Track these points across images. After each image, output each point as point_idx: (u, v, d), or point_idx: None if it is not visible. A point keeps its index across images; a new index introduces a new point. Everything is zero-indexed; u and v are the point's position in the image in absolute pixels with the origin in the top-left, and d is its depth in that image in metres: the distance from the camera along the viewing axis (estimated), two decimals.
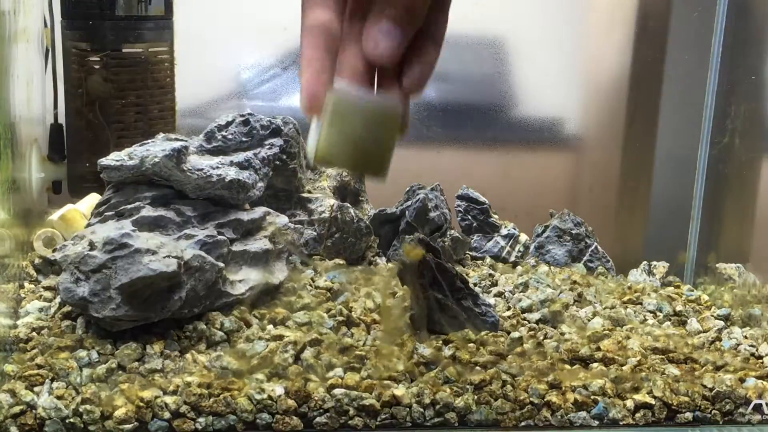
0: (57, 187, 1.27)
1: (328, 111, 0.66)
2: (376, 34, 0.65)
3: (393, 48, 0.65)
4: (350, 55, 0.66)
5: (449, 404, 0.82)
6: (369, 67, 0.67)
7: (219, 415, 0.79)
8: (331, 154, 0.67)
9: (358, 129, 0.66)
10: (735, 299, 1.12)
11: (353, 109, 0.66)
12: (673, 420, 0.85)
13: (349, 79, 0.66)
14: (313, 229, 1.14)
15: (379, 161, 0.68)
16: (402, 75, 0.68)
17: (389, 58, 0.65)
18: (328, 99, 0.66)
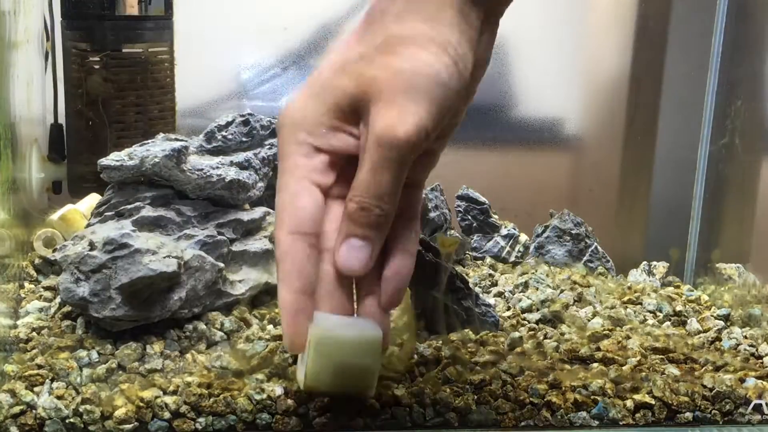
0: (57, 187, 1.27)
1: (311, 346, 0.71)
2: (346, 250, 0.70)
3: (364, 260, 0.70)
4: (328, 288, 0.71)
5: (449, 404, 0.82)
6: (346, 293, 0.72)
7: (219, 415, 0.79)
8: (318, 384, 0.73)
9: (341, 359, 0.72)
10: (735, 299, 1.12)
11: (334, 342, 0.71)
12: (673, 420, 0.85)
13: (327, 311, 0.71)
14: None
15: (364, 383, 0.74)
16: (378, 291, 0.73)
17: (361, 270, 0.70)
18: (310, 334, 0.71)
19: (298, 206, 0.72)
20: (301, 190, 0.72)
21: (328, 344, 0.71)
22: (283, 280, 0.71)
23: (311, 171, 0.72)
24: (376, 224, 0.70)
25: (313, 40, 1.40)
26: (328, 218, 0.72)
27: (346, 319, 0.72)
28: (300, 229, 0.71)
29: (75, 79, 1.19)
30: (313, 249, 0.71)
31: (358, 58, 0.70)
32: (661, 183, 1.38)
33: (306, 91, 0.72)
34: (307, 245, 0.71)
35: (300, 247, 0.70)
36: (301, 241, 0.71)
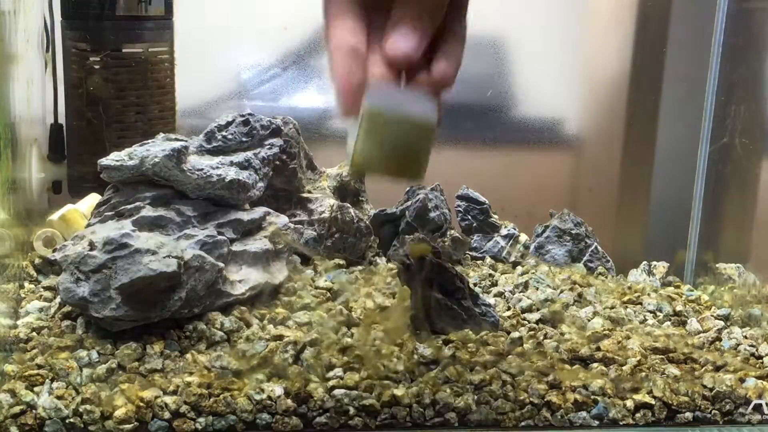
0: (57, 187, 1.27)
1: (362, 120, 0.66)
2: (396, 37, 0.66)
3: (412, 49, 0.66)
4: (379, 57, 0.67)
5: (449, 404, 0.82)
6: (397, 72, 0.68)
7: (219, 415, 0.79)
8: (367, 163, 0.68)
9: (392, 137, 0.67)
10: (735, 299, 1.12)
11: (387, 118, 0.66)
12: (673, 420, 0.85)
13: (381, 77, 0.67)
14: (313, 229, 1.14)
15: (415, 166, 0.69)
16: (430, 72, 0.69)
17: (409, 59, 0.66)
18: (362, 107, 0.66)
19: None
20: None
21: (381, 119, 0.66)
22: (332, 43, 0.67)
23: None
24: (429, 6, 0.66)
25: (313, 40, 1.40)
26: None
27: (403, 94, 0.68)
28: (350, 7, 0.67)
29: (75, 79, 1.19)
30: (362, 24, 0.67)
31: None
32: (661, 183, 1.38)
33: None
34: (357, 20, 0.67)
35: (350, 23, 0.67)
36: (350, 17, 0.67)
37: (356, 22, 0.67)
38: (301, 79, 1.41)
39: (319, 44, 1.40)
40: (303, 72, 1.41)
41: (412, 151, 0.68)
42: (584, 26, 1.45)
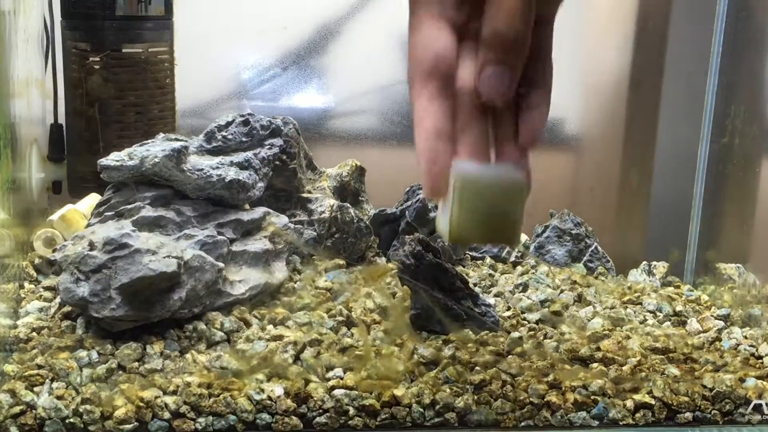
0: (57, 187, 1.27)
1: (455, 193, 0.68)
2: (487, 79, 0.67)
3: (505, 86, 0.67)
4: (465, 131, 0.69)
5: (449, 404, 0.82)
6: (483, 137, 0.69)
7: (219, 415, 0.79)
8: (464, 233, 0.70)
9: (485, 207, 0.69)
10: (735, 299, 1.12)
11: (479, 189, 0.68)
12: (673, 420, 0.85)
13: (468, 158, 0.68)
14: (313, 229, 1.14)
15: (510, 230, 0.71)
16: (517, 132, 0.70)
17: (502, 97, 0.68)
18: (452, 180, 0.68)
19: (429, 46, 0.68)
20: (433, 28, 0.68)
21: (472, 189, 0.68)
22: (418, 125, 0.68)
23: (444, 6, 0.68)
24: (512, 47, 0.66)
25: (313, 40, 1.40)
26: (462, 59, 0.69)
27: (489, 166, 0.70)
28: (432, 69, 0.68)
29: (75, 79, 1.19)
30: (447, 91, 0.68)
31: None
32: (661, 183, 1.38)
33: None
34: (441, 87, 0.68)
35: (434, 88, 0.67)
36: (434, 82, 0.68)
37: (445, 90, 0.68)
38: (301, 79, 1.41)
39: (319, 44, 1.40)
40: (303, 72, 1.41)
41: (505, 216, 0.70)
42: (584, 26, 1.45)
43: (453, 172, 0.68)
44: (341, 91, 1.44)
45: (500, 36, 0.66)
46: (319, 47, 1.40)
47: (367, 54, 1.42)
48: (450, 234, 0.70)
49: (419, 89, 0.68)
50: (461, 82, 0.69)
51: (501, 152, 0.71)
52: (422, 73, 0.68)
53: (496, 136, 0.71)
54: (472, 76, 0.69)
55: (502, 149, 0.71)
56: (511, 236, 0.71)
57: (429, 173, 0.68)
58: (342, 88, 1.44)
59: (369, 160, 1.27)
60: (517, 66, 0.67)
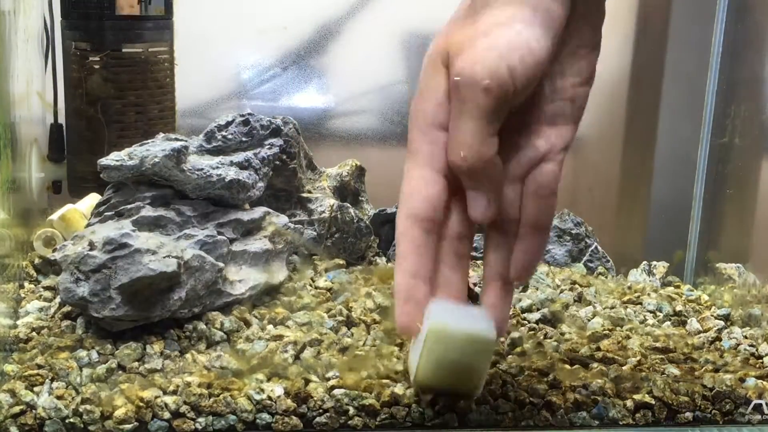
0: (57, 187, 1.27)
1: (426, 341, 0.70)
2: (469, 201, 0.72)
3: (480, 209, 0.72)
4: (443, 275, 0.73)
5: (449, 404, 0.82)
6: (463, 280, 0.74)
7: (219, 415, 0.79)
8: (428, 380, 0.73)
9: (454, 359, 0.71)
10: (735, 299, 1.12)
11: (449, 341, 0.71)
12: (673, 420, 0.85)
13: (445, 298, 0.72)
14: (313, 229, 1.14)
15: (474, 382, 0.74)
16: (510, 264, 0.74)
17: (481, 218, 0.72)
18: (425, 327, 0.70)
19: (418, 192, 0.71)
20: (420, 176, 0.72)
21: (443, 342, 0.70)
22: (398, 263, 0.71)
23: (432, 156, 0.72)
24: (476, 173, 0.70)
25: (313, 40, 1.40)
26: (452, 206, 0.73)
27: (463, 311, 0.72)
28: (418, 213, 0.71)
29: (75, 79, 1.19)
30: (431, 235, 0.71)
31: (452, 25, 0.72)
32: (661, 183, 1.37)
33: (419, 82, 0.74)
34: (425, 230, 0.71)
35: (417, 232, 0.71)
36: (418, 225, 0.71)
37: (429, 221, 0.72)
38: (301, 79, 1.41)
39: (319, 44, 1.40)
40: (303, 72, 1.41)
41: (471, 369, 0.73)
42: None
43: (427, 316, 0.70)
44: (341, 91, 1.44)
45: (456, 167, 0.71)
46: (319, 47, 1.40)
47: (367, 54, 1.42)
48: (415, 378, 0.74)
49: (404, 231, 0.71)
50: (448, 228, 0.73)
51: (487, 289, 0.75)
52: (409, 217, 0.71)
53: (486, 271, 0.75)
54: (458, 223, 0.73)
55: (489, 286, 0.75)
56: (474, 388, 0.75)
57: (401, 311, 0.71)
58: (342, 88, 1.44)
59: (369, 160, 1.27)
60: (489, 190, 0.71)
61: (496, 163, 0.71)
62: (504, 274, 0.74)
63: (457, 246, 0.73)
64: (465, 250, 0.74)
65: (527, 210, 0.73)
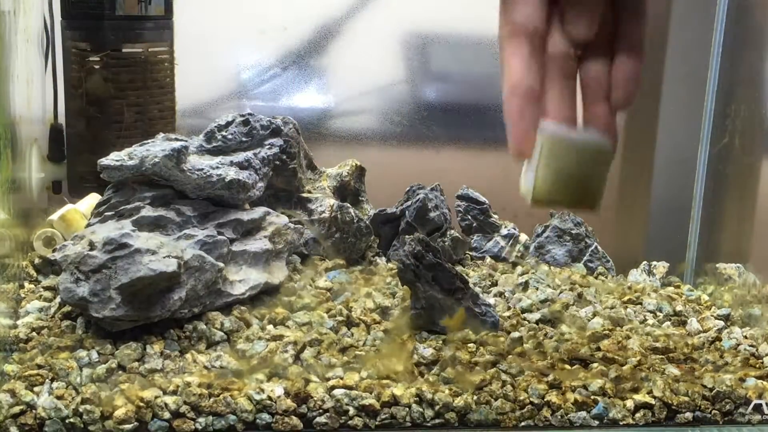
0: (57, 187, 1.27)
1: (541, 153, 0.68)
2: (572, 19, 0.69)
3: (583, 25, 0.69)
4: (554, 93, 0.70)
5: (449, 404, 0.82)
6: (572, 100, 0.70)
7: (219, 415, 0.79)
8: (548, 195, 0.70)
9: (571, 168, 0.69)
10: (735, 299, 1.12)
11: (566, 149, 0.69)
12: (673, 420, 0.85)
13: (556, 119, 0.69)
14: (313, 229, 1.14)
15: (593, 195, 0.71)
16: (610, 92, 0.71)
17: (590, 32, 0.69)
18: (538, 141, 0.68)
19: (521, 8, 0.69)
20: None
21: (559, 150, 0.68)
22: (506, 83, 0.69)
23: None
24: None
25: (313, 40, 1.40)
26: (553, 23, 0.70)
27: (575, 129, 0.70)
28: (522, 27, 0.68)
29: (75, 79, 1.19)
30: (536, 50, 0.69)
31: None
32: (661, 183, 1.37)
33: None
34: (530, 45, 0.68)
35: (522, 48, 0.68)
36: (523, 40, 0.68)
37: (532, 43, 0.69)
38: (301, 79, 1.41)
39: (319, 44, 1.40)
40: (303, 72, 1.41)
41: (590, 179, 0.71)
42: None
43: (540, 133, 0.68)
44: (341, 91, 1.44)
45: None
46: (319, 47, 1.40)
47: (367, 54, 1.42)
48: (534, 195, 0.70)
49: (510, 49, 0.69)
50: (552, 45, 0.70)
51: (590, 114, 0.72)
52: (513, 33, 0.69)
53: (587, 97, 0.72)
54: (561, 42, 0.70)
55: (592, 110, 0.72)
56: (594, 201, 0.72)
57: (515, 132, 0.68)
58: (342, 88, 1.44)
59: (369, 160, 1.27)
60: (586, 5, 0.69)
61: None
62: (607, 95, 0.72)
63: (563, 65, 0.70)
64: (571, 70, 0.71)
65: (623, 33, 0.71)
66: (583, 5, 0.70)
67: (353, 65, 1.42)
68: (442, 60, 1.45)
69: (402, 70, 1.43)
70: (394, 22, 1.41)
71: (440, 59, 1.44)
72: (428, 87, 1.44)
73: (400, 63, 1.42)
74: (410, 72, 1.43)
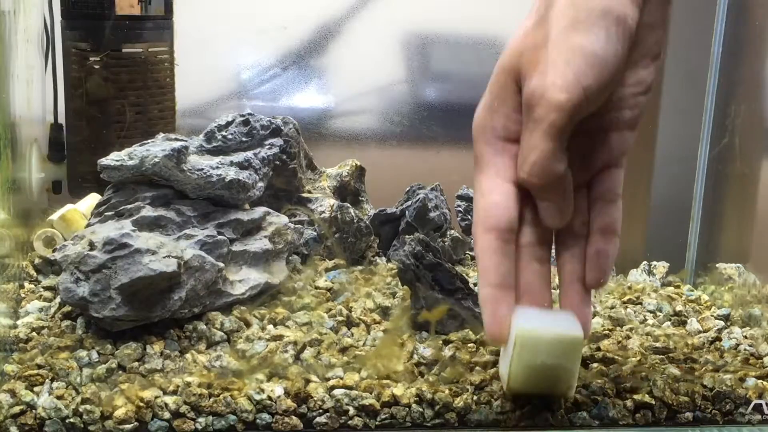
0: (57, 187, 1.27)
1: (515, 347, 0.72)
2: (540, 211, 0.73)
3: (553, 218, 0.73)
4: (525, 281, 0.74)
5: (449, 404, 0.82)
6: (545, 285, 0.75)
7: (219, 415, 0.79)
8: (521, 385, 0.75)
9: (544, 361, 0.73)
10: (735, 299, 1.12)
11: (538, 345, 0.72)
12: (673, 420, 0.85)
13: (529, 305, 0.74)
14: (313, 229, 1.14)
15: (566, 383, 0.76)
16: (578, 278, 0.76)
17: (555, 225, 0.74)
18: (514, 334, 0.72)
19: (490, 204, 0.73)
20: (492, 187, 0.73)
21: (533, 345, 0.72)
22: (481, 275, 0.73)
23: (502, 168, 0.73)
24: (548, 188, 0.71)
25: (313, 40, 1.40)
26: (526, 213, 0.74)
27: (548, 315, 0.73)
28: (493, 225, 0.72)
29: (75, 79, 1.19)
30: (508, 244, 0.73)
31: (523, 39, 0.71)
32: (661, 183, 1.37)
33: (486, 96, 0.74)
34: (502, 241, 0.72)
35: (495, 243, 0.72)
36: (495, 237, 0.72)
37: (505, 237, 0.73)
38: (301, 79, 1.41)
39: (319, 44, 1.40)
40: (303, 72, 1.41)
41: (562, 371, 0.74)
42: None
43: (514, 324, 0.72)
44: (341, 91, 1.44)
45: (529, 184, 0.72)
46: (319, 47, 1.40)
47: (367, 54, 1.42)
48: (508, 384, 0.75)
49: (484, 244, 0.73)
50: (525, 235, 0.74)
51: (565, 297, 0.76)
52: (487, 230, 0.73)
53: (561, 278, 0.76)
54: (534, 230, 0.74)
55: (568, 290, 0.76)
56: (567, 389, 0.76)
57: (490, 321, 0.73)
58: (342, 88, 1.44)
59: (369, 160, 1.27)
60: (560, 200, 0.72)
61: (567, 176, 0.72)
62: (581, 276, 0.75)
63: (536, 251, 0.75)
64: (545, 255, 0.75)
65: (596, 215, 0.74)
66: (555, 199, 0.72)
67: (353, 65, 1.42)
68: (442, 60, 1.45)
69: (402, 70, 1.43)
70: (394, 22, 1.41)
71: (440, 59, 1.44)
72: (428, 87, 1.44)
73: (400, 63, 1.42)
74: (410, 72, 1.43)
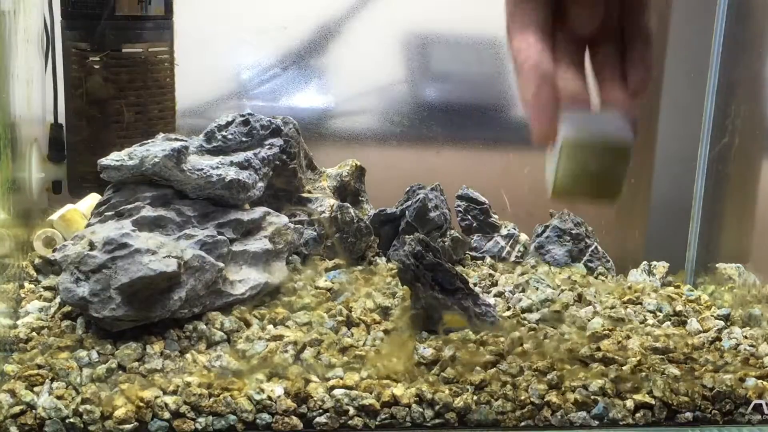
0: (57, 187, 1.27)
1: (562, 150, 0.69)
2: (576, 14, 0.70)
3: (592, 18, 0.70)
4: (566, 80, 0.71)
5: (449, 404, 0.82)
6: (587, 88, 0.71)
7: (219, 415, 0.79)
8: (568, 189, 0.71)
9: (591, 162, 0.70)
10: (735, 299, 1.12)
11: (585, 144, 0.69)
12: (673, 420, 0.85)
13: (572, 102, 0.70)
14: (313, 229, 1.14)
15: (614, 187, 0.71)
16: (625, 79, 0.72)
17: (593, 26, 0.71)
18: (560, 136, 0.69)
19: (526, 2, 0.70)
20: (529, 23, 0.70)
21: (581, 149, 0.69)
22: (522, 71, 0.70)
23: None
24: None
25: (313, 40, 1.40)
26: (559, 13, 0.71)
27: (596, 118, 0.71)
28: (531, 21, 0.70)
29: (75, 79, 1.19)
30: (547, 39, 0.70)
31: None
32: (661, 183, 1.37)
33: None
34: (542, 33, 0.70)
35: (533, 40, 0.70)
36: (533, 33, 0.70)
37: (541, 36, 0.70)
38: (301, 79, 1.41)
39: (319, 44, 1.40)
40: (303, 72, 1.41)
41: (610, 173, 0.71)
42: None
43: (561, 127, 0.69)
44: (341, 91, 1.44)
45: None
46: (319, 47, 1.40)
47: (367, 54, 1.42)
48: (554, 189, 0.71)
49: (519, 43, 0.70)
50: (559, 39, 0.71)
51: (608, 95, 0.72)
52: (521, 26, 0.70)
53: (602, 83, 0.73)
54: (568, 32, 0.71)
55: (610, 91, 0.72)
56: (615, 194, 0.71)
57: (536, 115, 0.69)
58: (342, 88, 1.44)
59: (369, 160, 1.27)
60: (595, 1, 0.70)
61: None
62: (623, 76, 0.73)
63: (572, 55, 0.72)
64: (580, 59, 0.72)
65: (630, 20, 0.72)
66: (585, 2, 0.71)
67: (353, 65, 1.42)
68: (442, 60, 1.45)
69: (402, 70, 1.43)
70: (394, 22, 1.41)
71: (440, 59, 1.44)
72: (428, 87, 1.44)
73: (400, 63, 1.42)
74: (410, 72, 1.43)
